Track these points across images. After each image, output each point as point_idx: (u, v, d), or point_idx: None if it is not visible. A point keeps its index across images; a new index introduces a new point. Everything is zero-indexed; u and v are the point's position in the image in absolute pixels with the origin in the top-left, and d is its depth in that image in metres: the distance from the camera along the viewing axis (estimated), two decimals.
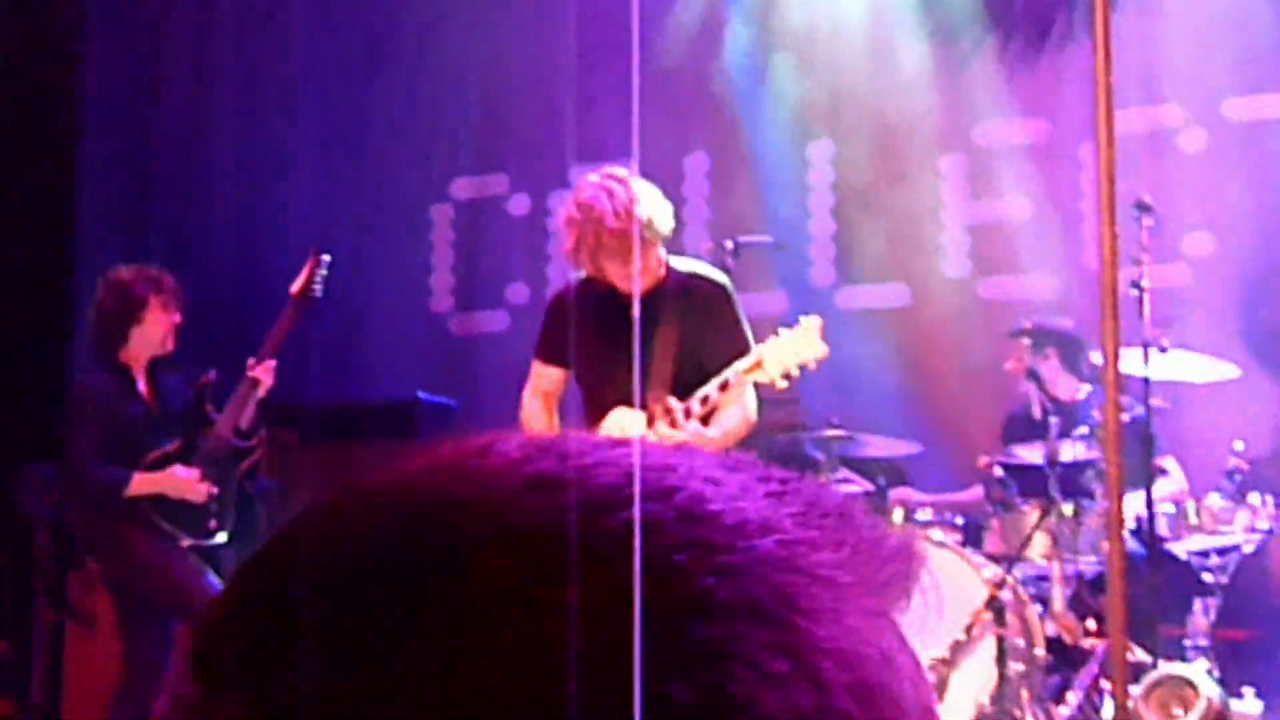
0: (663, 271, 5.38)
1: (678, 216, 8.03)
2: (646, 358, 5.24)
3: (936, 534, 6.22)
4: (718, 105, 8.39)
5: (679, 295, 5.32)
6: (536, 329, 6.15)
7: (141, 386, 6.26)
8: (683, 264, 5.48)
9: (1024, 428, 6.54)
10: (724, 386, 5.17)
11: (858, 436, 6.54)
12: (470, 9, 8.72)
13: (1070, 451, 6.19)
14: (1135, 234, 6.14)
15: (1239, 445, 6.38)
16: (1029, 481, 6.39)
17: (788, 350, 5.16)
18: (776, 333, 5.21)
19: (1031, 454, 6.35)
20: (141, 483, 6.10)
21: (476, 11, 8.73)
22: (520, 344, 8.15)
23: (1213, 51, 7.65)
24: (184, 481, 6.13)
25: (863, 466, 6.66)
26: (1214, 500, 6.30)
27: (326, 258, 6.55)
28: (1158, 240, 6.45)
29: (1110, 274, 3.60)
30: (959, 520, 6.47)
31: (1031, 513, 6.23)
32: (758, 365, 5.16)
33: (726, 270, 5.64)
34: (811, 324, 5.20)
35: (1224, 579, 6.26)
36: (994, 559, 6.13)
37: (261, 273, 8.74)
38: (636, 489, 0.59)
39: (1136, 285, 6.00)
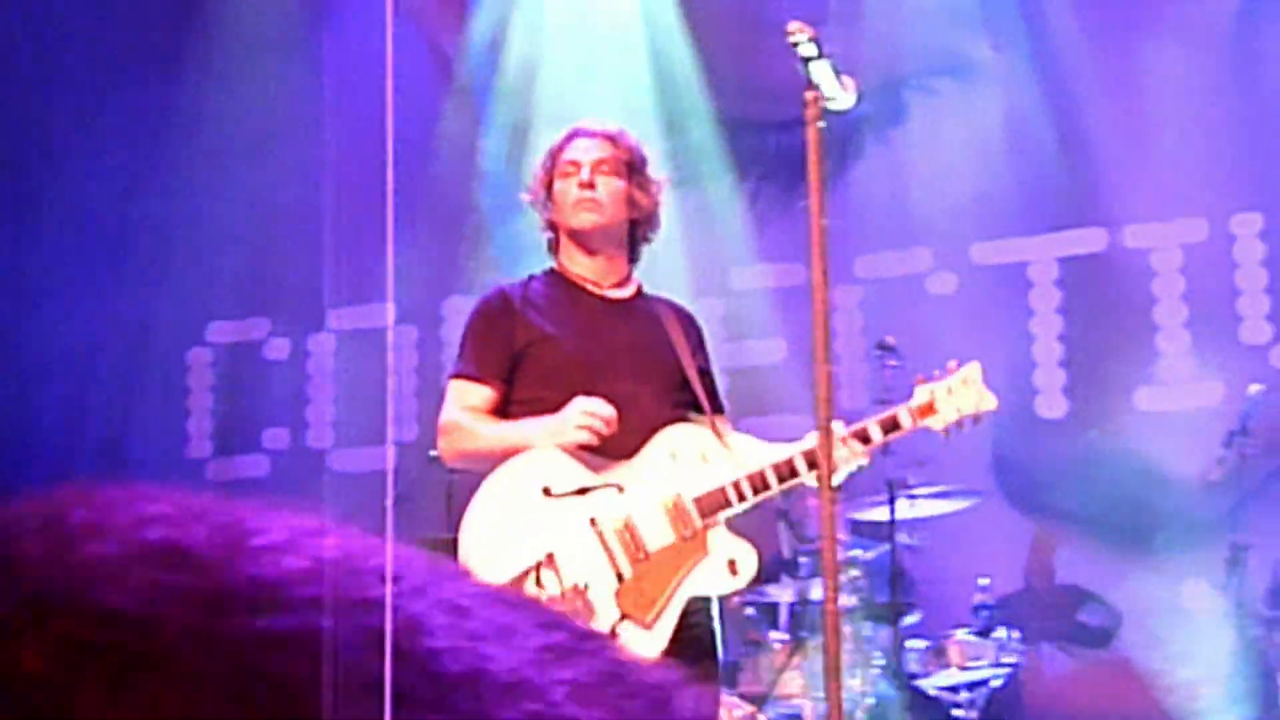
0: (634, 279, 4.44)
1: (438, 363, 8.06)
2: (654, 370, 4.25)
3: None
4: (476, 246, 8.42)
5: (676, 311, 4.41)
6: (295, 474, 5.92)
7: None
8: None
9: (775, 566, 6.59)
10: (893, 425, 4.26)
11: None
12: (228, 151, 8.68)
13: (821, 590, 6.23)
14: (879, 375, 6.28)
15: (984, 581, 6.50)
16: (780, 620, 6.43)
17: (956, 398, 4.31)
18: (932, 377, 4.38)
19: (782, 593, 6.40)
20: None
21: (235, 155, 8.68)
22: (281, 488, 8.06)
23: (959, 198, 7.87)
24: None
25: None
26: (962, 636, 6.40)
27: None
28: (906, 380, 6.56)
29: (824, 411, 3.68)
30: None
31: (783, 651, 6.27)
32: (930, 409, 4.32)
33: None
34: (973, 373, 4.37)
35: (974, 714, 6.34)
36: (747, 698, 6.15)
37: (22, 410, 8.55)
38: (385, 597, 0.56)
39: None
